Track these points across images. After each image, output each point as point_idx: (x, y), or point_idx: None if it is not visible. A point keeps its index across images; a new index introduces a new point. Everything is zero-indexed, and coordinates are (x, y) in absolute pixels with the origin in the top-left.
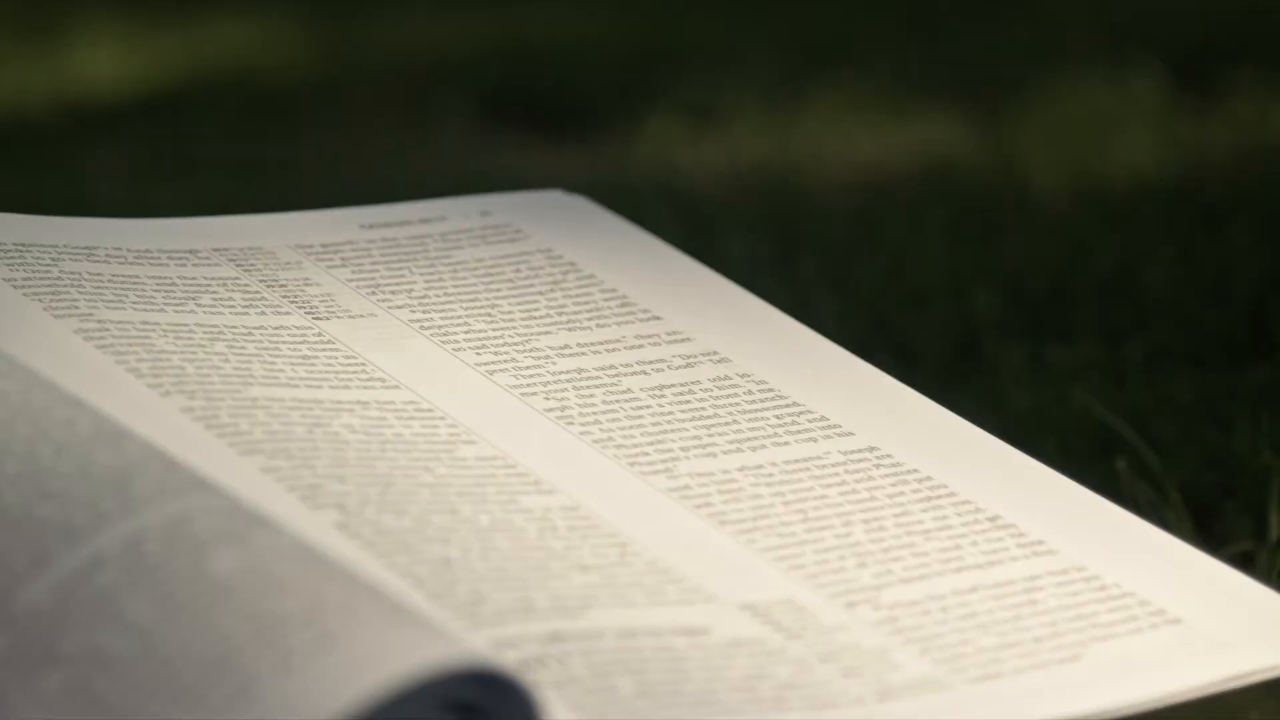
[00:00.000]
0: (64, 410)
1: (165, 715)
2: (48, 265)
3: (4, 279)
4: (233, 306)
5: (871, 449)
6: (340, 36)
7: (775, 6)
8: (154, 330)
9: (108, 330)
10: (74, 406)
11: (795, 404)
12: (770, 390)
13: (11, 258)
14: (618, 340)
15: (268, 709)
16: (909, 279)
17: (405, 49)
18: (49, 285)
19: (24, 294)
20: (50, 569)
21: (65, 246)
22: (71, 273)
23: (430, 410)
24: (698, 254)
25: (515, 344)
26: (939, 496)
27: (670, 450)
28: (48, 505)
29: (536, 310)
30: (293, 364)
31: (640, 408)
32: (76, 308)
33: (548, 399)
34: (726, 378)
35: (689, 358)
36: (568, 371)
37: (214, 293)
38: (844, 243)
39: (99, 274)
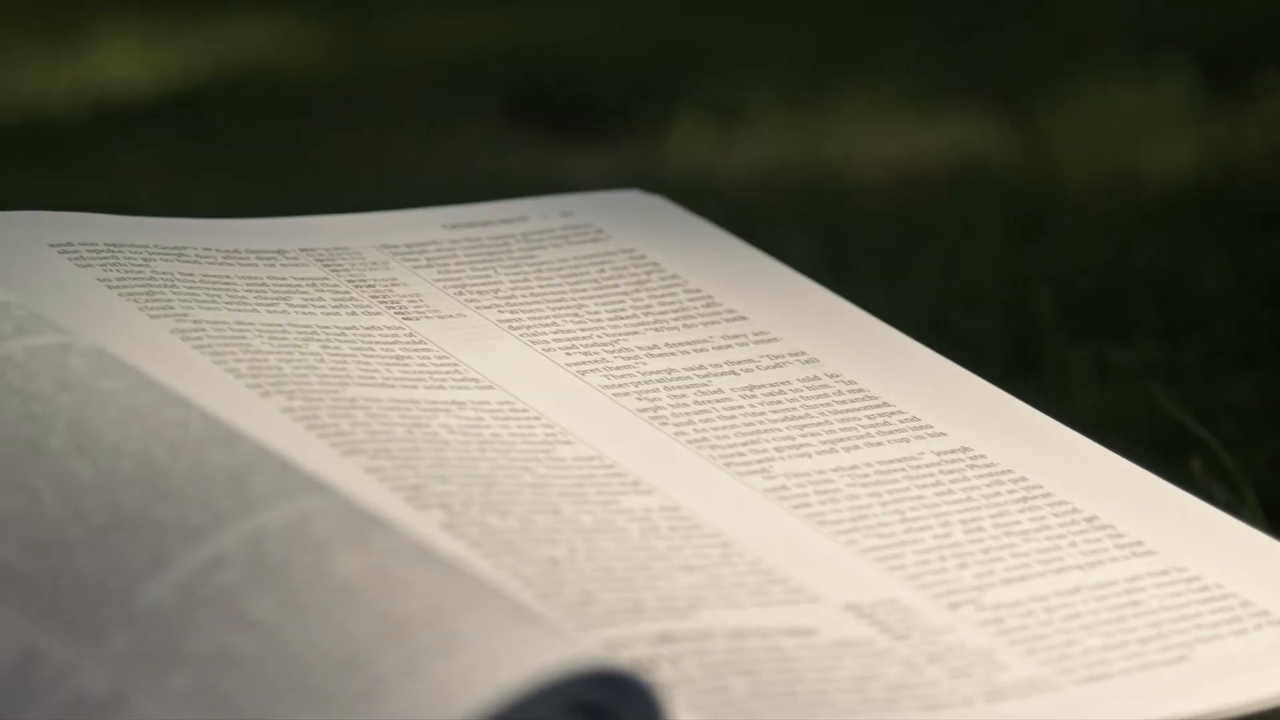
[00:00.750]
0: (174, 410)
1: (293, 715)
2: (140, 265)
3: (98, 279)
4: (323, 307)
5: (964, 449)
6: (361, 37)
7: (796, 6)
8: (249, 330)
9: (204, 330)
10: (184, 407)
11: (885, 404)
12: (860, 390)
13: (104, 258)
14: (705, 340)
15: (396, 709)
16: (960, 279)
17: (424, 50)
18: (143, 285)
19: (119, 294)
20: (170, 568)
21: (156, 247)
22: (164, 273)
23: (525, 410)
24: None
25: (604, 344)
26: (1035, 497)
27: (765, 451)
28: (164, 505)
29: (623, 310)
30: (387, 364)
31: (732, 408)
32: (171, 308)
33: (640, 399)
34: (816, 378)
35: (777, 358)
36: (658, 372)
37: (304, 293)
38: (888, 242)
39: (190, 274)
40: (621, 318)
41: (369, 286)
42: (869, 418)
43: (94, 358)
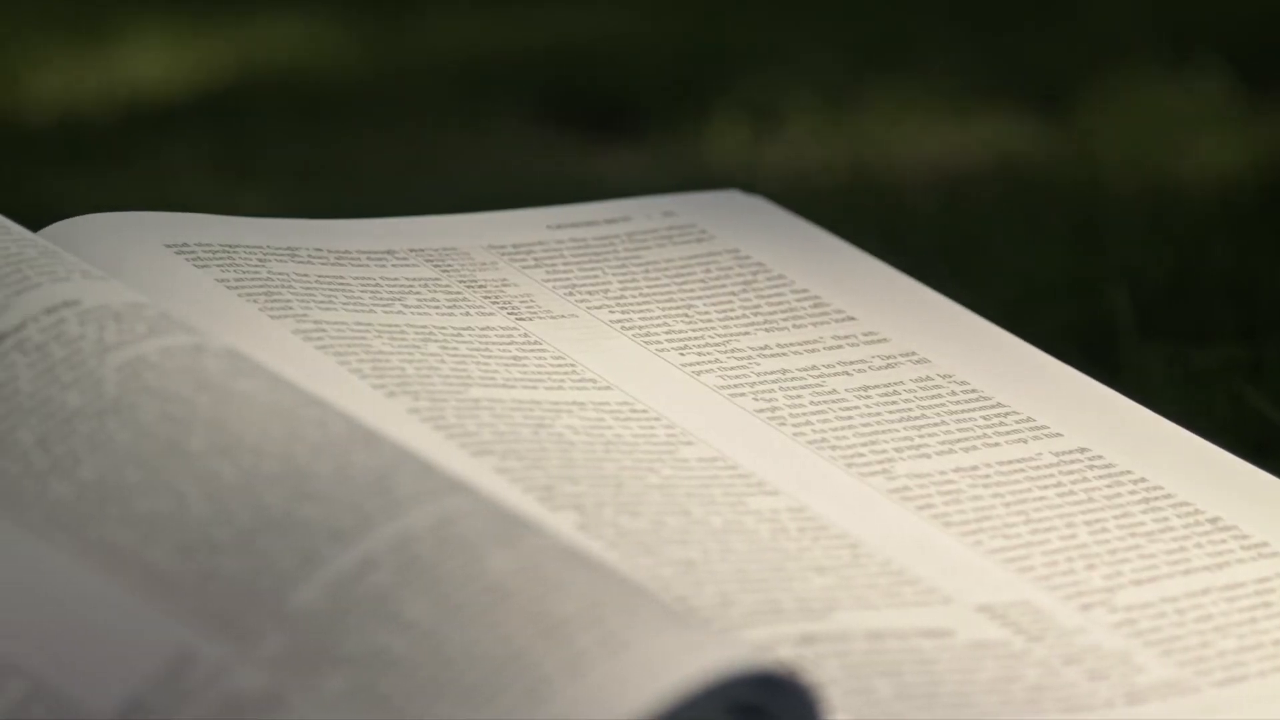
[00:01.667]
0: (312, 410)
1: (453, 715)
2: (255, 266)
3: (216, 279)
4: (438, 307)
5: (1082, 450)
6: (388, 37)
7: (829, 5)
8: (368, 331)
9: (324, 331)
10: (320, 407)
11: (1000, 405)
12: (973, 391)
13: (220, 259)
14: (816, 341)
15: (560, 710)
16: (1025, 281)
17: (454, 50)
18: (260, 285)
19: (238, 295)
20: (321, 570)
21: (269, 247)
22: (280, 274)
23: (645, 411)
24: None
25: (716, 344)
26: (1156, 498)
27: (884, 451)
28: (310, 506)
29: (732, 311)
30: (505, 365)
31: (849, 409)
32: (291, 308)
33: (756, 399)
34: (929, 378)
35: (889, 358)
36: (772, 372)
37: (418, 293)
38: (943, 243)
39: (305, 274)
40: (731, 318)
41: (480, 287)
42: (984, 418)
43: (228, 358)
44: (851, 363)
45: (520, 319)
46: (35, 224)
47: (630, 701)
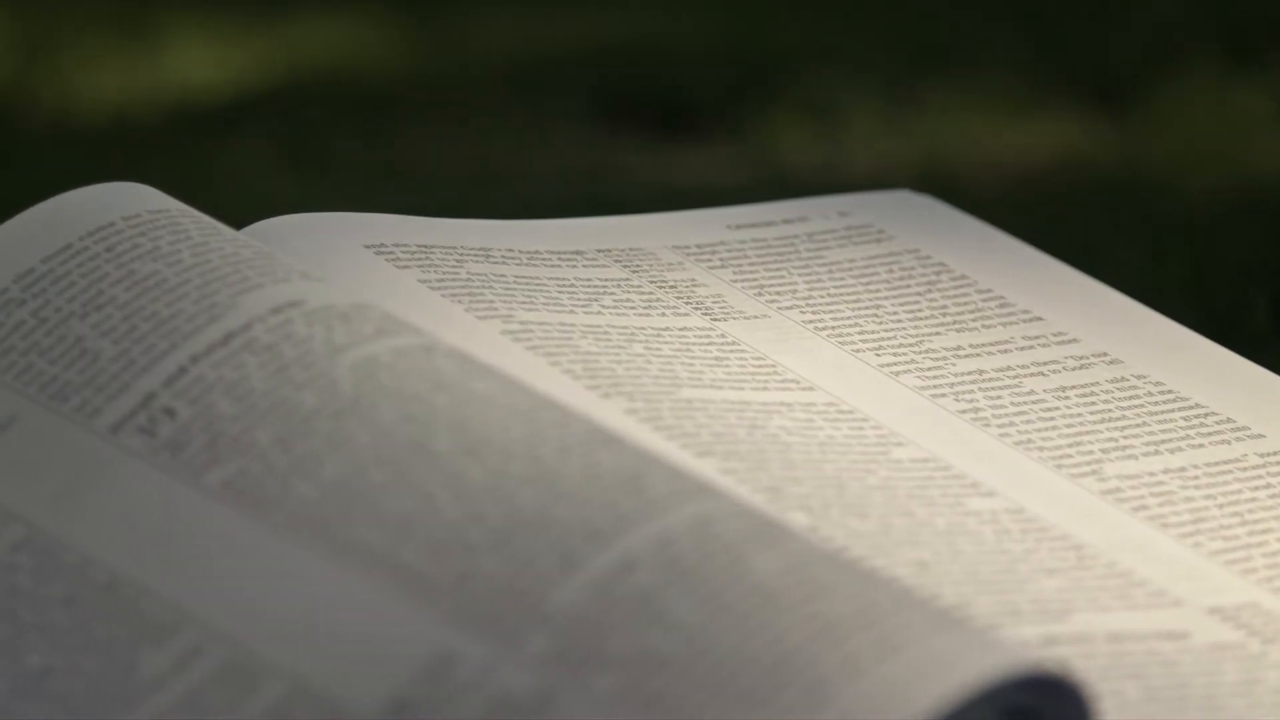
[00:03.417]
0: (549, 411)
1: (729, 716)
2: (453, 266)
3: (418, 280)
4: (634, 307)
5: None
6: (438, 37)
7: (883, 3)
8: (573, 331)
9: (531, 331)
10: (558, 408)
11: (1197, 405)
12: (1169, 392)
13: (419, 259)
14: (1007, 341)
15: (840, 711)
16: (1138, 280)
17: (503, 50)
18: (461, 286)
19: (442, 295)
20: (581, 570)
21: (464, 248)
22: (478, 274)
23: (851, 412)
24: None
25: (910, 345)
26: None
27: (1091, 453)
28: (563, 506)
29: (920, 311)
30: (709, 365)
31: (1049, 410)
32: (495, 309)
33: (957, 400)
34: (1124, 379)
35: (1082, 359)
36: (969, 373)
37: (612, 294)
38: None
39: (502, 275)
40: (921, 319)
41: (671, 287)
42: (1185, 419)
43: (458, 359)
44: (1045, 363)
45: (715, 320)
46: None
47: (912, 704)
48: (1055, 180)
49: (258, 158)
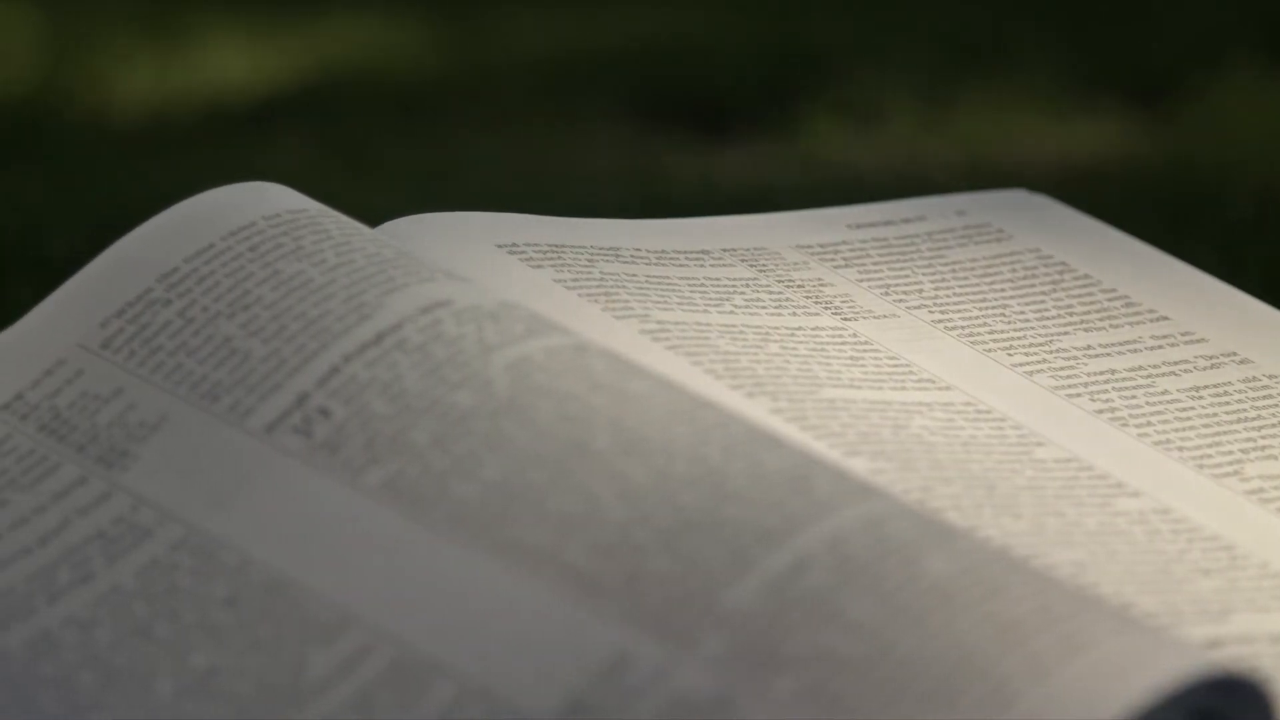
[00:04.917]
0: (710, 412)
1: (913, 717)
2: (585, 266)
3: (553, 279)
4: (765, 307)
5: None
6: (470, 36)
7: (919, 4)
8: (709, 331)
9: (668, 331)
10: (715, 408)
11: None
12: None
13: (551, 259)
14: (1136, 341)
15: (1025, 712)
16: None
17: (536, 50)
18: (596, 285)
19: (579, 295)
20: (753, 570)
21: (594, 248)
22: (611, 274)
23: (989, 412)
24: None
25: (1041, 345)
26: None
27: (1231, 453)
28: (732, 506)
29: (1046, 311)
30: (846, 365)
31: (1185, 410)
32: (631, 309)
33: (1093, 400)
34: (1256, 379)
35: (1212, 359)
36: (1101, 373)
37: (742, 293)
38: None
39: (634, 274)
40: (1048, 318)
41: (799, 287)
42: None
43: (611, 359)
44: (1176, 363)
45: (845, 319)
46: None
47: (1103, 705)
48: (1097, 180)
49: (297, 157)
